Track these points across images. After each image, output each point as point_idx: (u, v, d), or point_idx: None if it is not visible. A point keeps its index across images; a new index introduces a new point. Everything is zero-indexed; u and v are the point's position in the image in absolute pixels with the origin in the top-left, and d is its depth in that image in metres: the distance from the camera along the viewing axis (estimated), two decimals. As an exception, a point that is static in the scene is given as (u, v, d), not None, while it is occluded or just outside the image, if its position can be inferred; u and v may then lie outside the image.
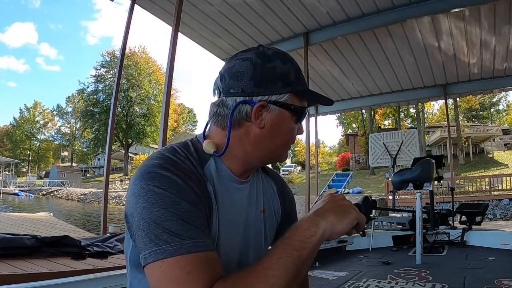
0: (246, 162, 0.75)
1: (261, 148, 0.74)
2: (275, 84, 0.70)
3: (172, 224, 0.58)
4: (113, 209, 20.58)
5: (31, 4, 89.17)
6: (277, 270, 0.57)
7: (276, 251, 0.60)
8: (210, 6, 4.93)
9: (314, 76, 6.91)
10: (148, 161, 0.67)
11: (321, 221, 0.62)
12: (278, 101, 0.71)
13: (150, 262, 0.57)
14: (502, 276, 2.69)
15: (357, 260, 3.80)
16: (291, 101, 0.72)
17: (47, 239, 2.80)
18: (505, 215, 13.52)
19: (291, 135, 0.76)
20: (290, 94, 0.72)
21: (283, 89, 0.71)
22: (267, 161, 0.80)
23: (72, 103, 55.33)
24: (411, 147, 6.82)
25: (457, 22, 5.28)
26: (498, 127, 35.73)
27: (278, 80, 0.71)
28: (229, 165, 0.75)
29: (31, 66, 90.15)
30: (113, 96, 4.30)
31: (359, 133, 36.78)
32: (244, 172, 0.78)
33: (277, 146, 0.75)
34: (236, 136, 0.73)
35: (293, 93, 0.72)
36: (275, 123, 0.72)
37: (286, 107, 0.72)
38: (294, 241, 0.60)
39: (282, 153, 0.77)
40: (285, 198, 0.91)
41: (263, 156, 0.76)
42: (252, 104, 0.70)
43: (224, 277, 0.58)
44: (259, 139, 0.73)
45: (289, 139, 0.76)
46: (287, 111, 0.72)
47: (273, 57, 0.72)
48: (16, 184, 38.90)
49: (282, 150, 0.77)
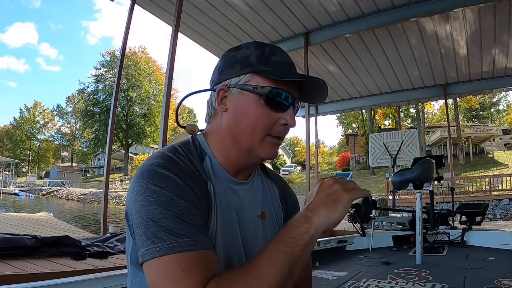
0: (231, 157, 0.74)
1: (232, 136, 0.73)
2: (233, 68, 0.72)
3: (169, 222, 0.59)
4: (113, 209, 20.59)
5: (32, 4, 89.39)
6: (270, 267, 0.57)
7: (268, 248, 0.60)
8: (210, 6, 4.93)
9: (314, 76, 6.90)
10: (148, 160, 0.68)
11: (313, 217, 0.61)
12: (238, 84, 0.71)
13: (147, 260, 0.58)
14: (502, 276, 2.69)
15: (357, 260, 3.80)
16: (254, 82, 0.70)
17: (47, 239, 2.80)
18: (505, 215, 13.52)
19: (260, 119, 0.70)
20: (251, 75, 0.71)
21: (240, 71, 0.71)
22: (247, 155, 0.74)
23: (72, 103, 55.37)
24: (411, 147, 6.82)
25: (457, 22, 5.28)
26: (498, 127, 35.74)
27: (237, 63, 0.72)
28: (221, 163, 0.75)
29: (31, 66, 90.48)
30: (113, 96, 4.30)
31: (359, 133, 36.78)
32: (238, 171, 0.77)
33: (243, 132, 0.71)
34: (214, 128, 0.76)
35: (256, 74, 0.71)
36: (237, 106, 0.71)
37: (245, 89, 0.70)
38: (286, 238, 0.59)
39: (252, 141, 0.71)
40: (287, 202, 0.89)
41: (239, 148, 0.73)
42: (215, 90, 0.75)
43: (218, 275, 0.58)
44: (228, 127, 0.73)
45: (256, 124, 0.70)
46: (249, 93, 0.70)
47: (241, 47, 0.75)
48: (16, 184, 38.90)
49: (250, 136, 0.71)
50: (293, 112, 0.73)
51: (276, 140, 0.73)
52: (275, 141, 0.73)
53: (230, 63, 0.73)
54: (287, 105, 0.71)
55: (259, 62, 0.71)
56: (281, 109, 0.71)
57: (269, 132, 0.71)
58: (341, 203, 0.62)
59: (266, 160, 0.76)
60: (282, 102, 0.71)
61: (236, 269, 0.59)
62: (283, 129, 0.72)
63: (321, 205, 0.62)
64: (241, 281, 0.56)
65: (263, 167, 0.90)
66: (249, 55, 0.72)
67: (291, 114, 0.72)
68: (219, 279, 0.57)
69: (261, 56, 0.72)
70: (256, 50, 0.73)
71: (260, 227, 0.79)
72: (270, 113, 0.71)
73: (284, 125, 0.72)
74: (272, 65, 0.71)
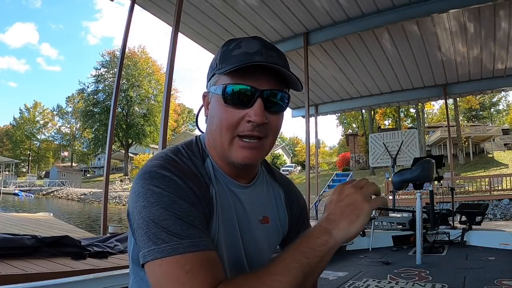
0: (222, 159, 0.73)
1: (210, 140, 0.73)
2: (208, 72, 0.74)
3: (170, 223, 0.58)
4: (113, 209, 20.59)
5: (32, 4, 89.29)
6: (284, 276, 0.56)
7: (284, 256, 0.59)
8: (210, 6, 4.93)
9: (314, 76, 6.90)
10: (150, 161, 0.68)
11: (333, 229, 0.59)
12: (209, 87, 0.73)
13: (149, 261, 0.58)
14: (502, 276, 2.69)
15: (357, 260, 3.80)
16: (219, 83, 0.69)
17: (47, 239, 2.79)
18: (505, 215, 13.51)
19: (223, 119, 0.67)
20: (216, 76, 0.71)
21: (209, 75, 0.73)
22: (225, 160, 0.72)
23: (72, 103, 55.38)
24: (411, 147, 6.82)
25: (457, 22, 5.28)
26: (498, 127, 35.71)
27: (210, 67, 0.74)
28: (219, 165, 0.74)
29: (31, 66, 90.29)
30: (113, 96, 4.30)
31: (359, 133, 36.76)
32: (238, 174, 0.75)
33: (213, 134, 0.71)
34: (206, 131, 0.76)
35: (218, 75, 0.70)
36: (211, 110, 0.72)
37: (212, 91, 0.71)
38: (304, 248, 0.59)
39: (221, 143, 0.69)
40: (293, 206, 0.87)
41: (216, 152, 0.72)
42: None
43: (229, 279, 0.58)
44: (208, 130, 0.74)
45: (221, 123, 0.67)
46: (216, 94, 0.70)
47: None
48: (16, 184, 38.86)
49: (219, 139, 0.69)
50: (260, 106, 0.65)
51: (246, 143, 0.67)
52: (245, 144, 0.67)
53: (209, 67, 0.75)
54: (249, 100, 0.66)
55: (221, 61, 0.69)
56: (244, 106, 0.66)
57: (236, 132, 0.67)
58: (362, 215, 0.60)
59: (242, 165, 0.69)
60: (240, 97, 0.66)
61: (248, 275, 0.59)
62: (249, 127, 0.66)
63: (341, 217, 0.60)
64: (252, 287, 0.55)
65: (269, 169, 0.88)
66: (216, 55, 0.72)
67: (256, 109, 0.65)
68: (229, 283, 0.56)
69: (224, 54, 0.69)
70: (221, 49, 0.71)
71: (262, 231, 0.78)
72: (233, 111, 0.66)
73: (249, 122, 0.66)
74: (231, 60, 0.67)
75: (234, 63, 0.65)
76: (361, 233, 4.46)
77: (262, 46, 0.68)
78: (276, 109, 0.69)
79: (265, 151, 0.71)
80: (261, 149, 0.70)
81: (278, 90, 0.68)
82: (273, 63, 0.65)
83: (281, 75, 0.68)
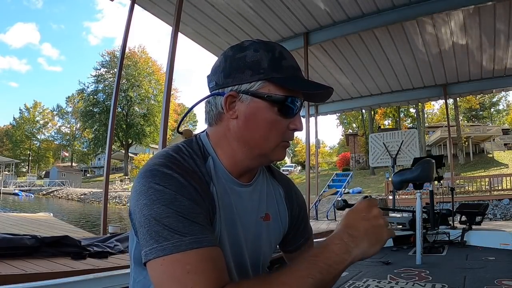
0: (237, 160, 0.73)
1: (242, 142, 0.71)
2: (243, 73, 0.69)
3: (172, 221, 0.58)
4: (113, 209, 20.59)
5: (33, 4, 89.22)
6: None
7: (298, 268, 0.58)
8: (210, 6, 4.94)
9: (314, 76, 6.91)
10: (152, 159, 0.68)
11: (354, 248, 0.60)
12: (249, 90, 0.68)
13: (151, 259, 0.58)
14: (502, 276, 2.69)
15: (357, 260, 3.80)
16: (267, 90, 0.68)
17: (47, 239, 2.79)
18: (505, 215, 13.51)
19: (273, 127, 0.69)
20: (263, 82, 0.68)
21: (252, 78, 0.68)
22: (257, 159, 0.73)
23: (72, 103, 55.39)
24: (411, 147, 6.81)
25: (457, 22, 5.28)
26: (498, 127, 35.73)
27: (247, 68, 0.69)
28: (226, 165, 0.74)
29: (33, 67, 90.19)
30: (113, 96, 4.30)
31: (359, 133, 36.79)
32: (242, 173, 0.76)
33: (256, 140, 0.70)
34: (220, 132, 0.73)
35: (268, 81, 0.68)
36: (248, 114, 0.69)
37: (258, 96, 0.68)
38: (320, 263, 0.58)
39: (265, 147, 0.71)
40: (293, 203, 0.87)
41: (248, 153, 0.72)
42: (222, 95, 0.70)
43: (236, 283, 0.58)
44: (238, 133, 0.71)
45: (270, 132, 0.69)
46: (261, 101, 0.68)
47: (247, 47, 0.70)
48: (16, 184, 38.85)
49: (264, 144, 0.70)
50: (300, 116, 0.73)
51: (286, 144, 0.74)
52: (286, 145, 0.74)
53: (238, 67, 0.69)
54: (294, 111, 0.71)
55: (271, 69, 0.68)
56: (289, 116, 0.71)
57: (283, 138, 0.72)
58: (381, 241, 0.62)
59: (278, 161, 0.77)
60: (290, 108, 0.70)
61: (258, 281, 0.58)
62: (292, 134, 0.73)
63: (364, 236, 0.61)
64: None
65: (269, 168, 0.89)
66: (260, 60, 0.69)
67: (299, 119, 0.73)
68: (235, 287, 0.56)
69: (272, 61, 0.69)
70: (266, 54, 0.69)
71: (264, 228, 0.78)
72: (282, 120, 0.70)
73: (293, 130, 0.73)
74: (283, 72, 0.69)
75: (287, 75, 0.70)
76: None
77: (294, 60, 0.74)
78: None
79: None
80: None
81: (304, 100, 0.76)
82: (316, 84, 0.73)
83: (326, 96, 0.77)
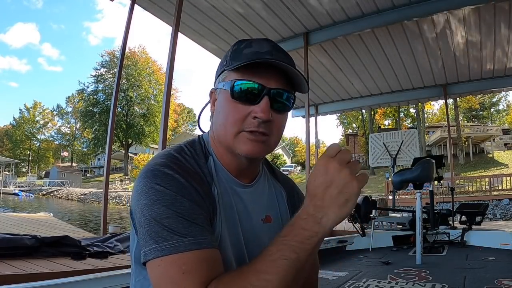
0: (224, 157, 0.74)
1: (216, 135, 0.74)
2: (217, 69, 0.75)
3: (172, 221, 0.58)
4: (113, 209, 20.59)
5: (33, 5, 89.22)
6: (271, 274, 0.53)
7: (271, 252, 0.55)
8: (210, 6, 4.93)
9: (314, 76, 6.91)
10: (154, 159, 0.68)
11: (322, 217, 0.54)
12: (217, 84, 0.74)
13: (150, 259, 0.58)
14: (502, 276, 2.69)
15: (357, 260, 3.80)
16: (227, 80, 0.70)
17: (47, 239, 2.79)
18: (505, 215, 13.51)
19: (230, 114, 0.69)
20: (225, 73, 0.71)
21: (219, 71, 0.74)
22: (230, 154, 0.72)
23: (72, 103, 55.39)
24: (411, 147, 6.81)
25: (457, 22, 5.28)
26: (498, 127, 35.74)
27: (219, 64, 0.76)
28: (223, 163, 0.74)
29: (33, 67, 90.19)
30: (113, 96, 4.30)
31: (359, 133, 36.81)
32: (239, 172, 0.75)
33: (218, 130, 0.72)
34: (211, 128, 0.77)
35: (228, 71, 0.71)
36: (218, 106, 0.73)
37: (220, 87, 0.72)
38: (292, 242, 0.55)
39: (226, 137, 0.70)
40: (295, 205, 0.85)
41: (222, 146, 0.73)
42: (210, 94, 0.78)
43: (218, 278, 0.56)
44: (214, 126, 0.75)
45: (227, 120, 0.69)
46: (223, 91, 0.71)
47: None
48: (16, 184, 38.87)
49: (223, 132, 0.70)
50: (266, 104, 0.66)
51: (252, 136, 0.68)
52: (250, 137, 0.68)
53: (219, 65, 0.76)
54: (256, 97, 0.67)
55: (231, 58, 0.70)
56: (251, 102, 0.67)
57: (242, 127, 0.68)
58: (352, 196, 0.54)
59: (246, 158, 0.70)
60: (248, 94, 0.67)
61: (235, 273, 0.57)
62: (255, 123, 0.67)
63: (331, 203, 0.54)
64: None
65: (271, 169, 0.88)
66: (227, 53, 0.73)
67: (262, 106, 0.66)
68: (217, 284, 0.55)
69: (235, 52, 0.71)
70: (233, 47, 0.73)
71: (265, 231, 0.77)
72: (240, 107, 0.68)
73: (254, 118, 0.67)
74: (241, 58, 0.68)
75: (244, 60, 0.67)
76: (361, 233, 4.47)
77: (272, 47, 0.71)
78: (281, 108, 0.70)
79: (269, 148, 0.72)
80: (266, 145, 0.70)
81: (285, 90, 0.70)
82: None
83: (288, 77, 0.70)
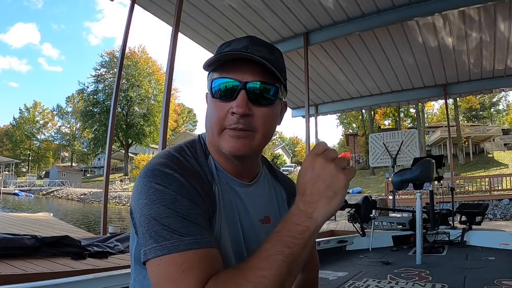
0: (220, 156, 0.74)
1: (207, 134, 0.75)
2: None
3: (172, 221, 0.58)
4: (113, 209, 20.60)
5: (34, 5, 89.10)
6: (268, 270, 0.54)
7: (266, 248, 0.56)
8: (210, 6, 4.94)
9: (314, 76, 6.91)
10: (154, 159, 0.68)
11: (313, 212, 0.57)
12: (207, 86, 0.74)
13: (150, 258, 0.58)
14: (502, 276, 2.69)
15: (357, 260, 3.80)
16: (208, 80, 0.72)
17: (47, 239, 2.80)
18: (505, 215, 13.51)
19: (213, 113, 0.69)
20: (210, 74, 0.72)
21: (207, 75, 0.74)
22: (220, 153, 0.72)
23: (72, 103, 55.40)
24: (411, 147, 6.81)
25: (457, 22, 5.28)
26: (498, 127, 35.74)
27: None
28: (221, 163, 0.74)
29: (33, 67, 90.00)
30: (113, 96, 4.30)
31: (359, 133, 36.81)
32: (237, 171, 0.75)
33: (208, 128, 0.73)
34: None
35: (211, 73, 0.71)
36: (207, 107, 0.74)
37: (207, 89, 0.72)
38: (285, 237, 0.56)
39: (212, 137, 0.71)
40: None
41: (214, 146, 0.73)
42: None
43: (215, 275, 0.57)
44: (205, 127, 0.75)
45: (211, 119, 0.70)
46: (208, 91, 0.72)
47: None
48: (16, 184, 38.87)
49: (210, 132, 0.72)
50: (241, 98, 0.66)
51: (234, 132, 0.67)
52: (232, 133, 0.67)
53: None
54: (233, 93, 0.67)
55: (213, 63, 0.70)
56: (229, 98, 0.67)
57: (224, 125, 0.68)
58: (340, 190, 0.57)
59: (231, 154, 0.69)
60: (226, 90, 0.67)
61: (232, 271, 0.57)
62: (234, 119, 0.67)
63: (320, 197, 0.57)
64: (237, 285, 0.54)
65: (271, 169, 0.88)
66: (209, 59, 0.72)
67: (238, 101, 0.66)
68: (215, 282, 0.56)
69: (216, 53, 0.71)
70: (217, 48, 0.73)
71: (264, 231, 0.76)
72: (221, 105, 0.68)
73: (233, 114, 0.67)
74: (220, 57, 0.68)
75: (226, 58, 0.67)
76: (361, 233, 4.47)
77: (250, 43, 0.69)
78: (262, 102, 0.68)
79: (255, 144, 0.70)
80: (250, 141, 0.68)
81: (263, 82, 0.68)
82: (258, 57, 0.66)
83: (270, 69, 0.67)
